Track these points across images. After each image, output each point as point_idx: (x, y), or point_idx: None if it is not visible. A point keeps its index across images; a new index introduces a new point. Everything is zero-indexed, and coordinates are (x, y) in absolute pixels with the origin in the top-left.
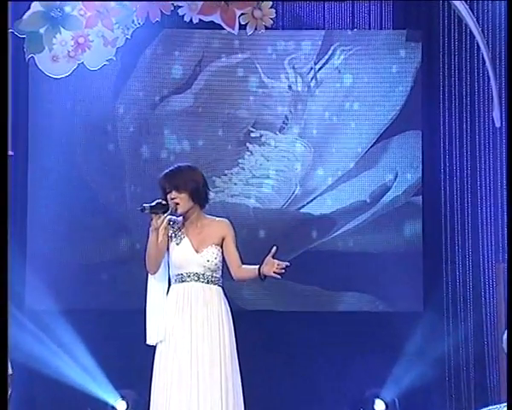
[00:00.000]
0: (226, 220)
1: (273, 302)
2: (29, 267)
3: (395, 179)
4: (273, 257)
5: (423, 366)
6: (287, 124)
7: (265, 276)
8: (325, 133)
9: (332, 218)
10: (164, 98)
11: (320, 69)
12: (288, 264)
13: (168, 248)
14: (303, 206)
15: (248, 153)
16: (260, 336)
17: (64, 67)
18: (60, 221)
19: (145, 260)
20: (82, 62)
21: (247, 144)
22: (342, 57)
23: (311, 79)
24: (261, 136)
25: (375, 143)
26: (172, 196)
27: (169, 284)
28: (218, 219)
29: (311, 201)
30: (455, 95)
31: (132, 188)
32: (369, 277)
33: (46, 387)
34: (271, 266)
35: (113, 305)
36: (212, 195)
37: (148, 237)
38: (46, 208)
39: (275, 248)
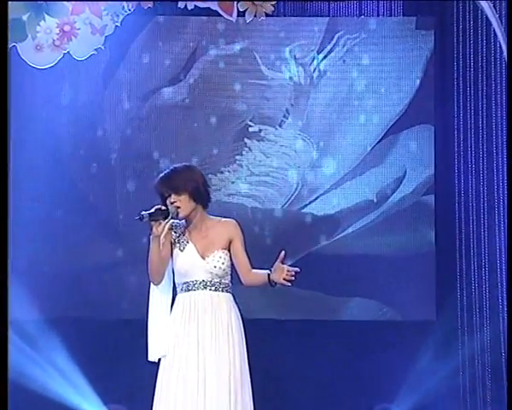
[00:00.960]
0: (233, 221)
1: (273, 310)
2: (12, 273)
3: (404, 177)
4: (282, 263)
5: (436, 379)
6: (288, 118)
7: (276, 283)
8: (329, 128)
9: (336, 218)
10: (156, 90)
11: (323, 59)
12: (298, 270)
13: (172, 256)
14: (305, 205)
15: (246, 149)
16: (261, 346)
17: (48, 57)
18: (45, 223)
19: (147, 271)
20: (68, 52)
21: (245, 140)
22: (347, 46)
23: (314, 69)
24: (260, 130)
25: (382, 138)
26: (172, 200)
27: (173, 295)
28: (223, 219)
29: (314, 200)
30: (470, 87)
31: (123, 186)
32: (377, 282)
33: (30, 402)
34: (281, 273)
35: (102, 314)
36: None
37: (149, 245)
38: (30, 211)
39: (283, 252)
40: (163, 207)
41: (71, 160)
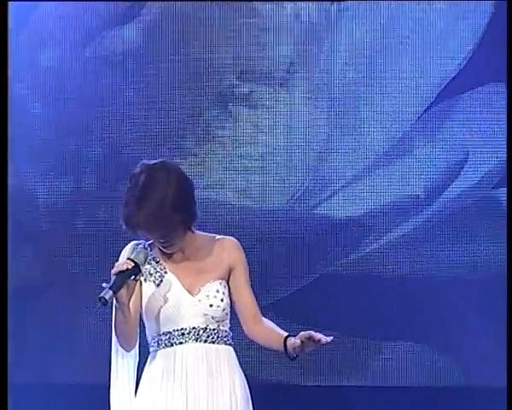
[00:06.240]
0: (234, 240)
1: (277, 369)
2: None
3: (465, 162)
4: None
5: None
6: (292, 74)
7: (296, 355)
8: (353, 89)
9: (364, 223)
10: (95, 35)
11: None
12: (332, 338)
13: (140, 295)
14: (318, 204)
15: (231, 120)
16: None
17: None
18: None
19: (116, 336)
20: None
21: (229, 105)
22: None
23: (331, 4)
24: (251, 92)
25: (430, 105)
26: (162, 241)
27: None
28: (218, 237)
29: (331, 196)
30: None
31: (49, 176)
32: (423, 317)
33: None
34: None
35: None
36: None
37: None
38: None
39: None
40: (130, 264)
41: None
